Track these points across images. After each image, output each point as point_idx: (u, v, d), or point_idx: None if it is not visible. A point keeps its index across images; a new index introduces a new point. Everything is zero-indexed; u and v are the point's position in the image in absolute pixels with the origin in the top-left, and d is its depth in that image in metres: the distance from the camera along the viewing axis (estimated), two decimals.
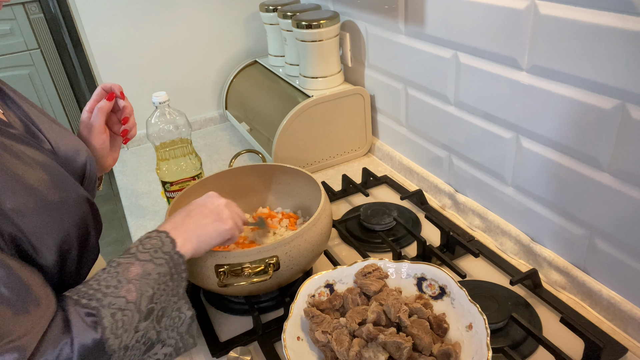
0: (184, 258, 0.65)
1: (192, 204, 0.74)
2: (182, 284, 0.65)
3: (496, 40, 0.81)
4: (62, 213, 0.62)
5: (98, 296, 0.57)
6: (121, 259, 0.62)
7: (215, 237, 0.70)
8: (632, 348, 0.71)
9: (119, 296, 0.58)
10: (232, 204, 0.76)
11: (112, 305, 0.57)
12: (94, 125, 0.80)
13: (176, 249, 0.65)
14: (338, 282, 0.76)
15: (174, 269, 0.63)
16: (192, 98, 1.53)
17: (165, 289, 0.62)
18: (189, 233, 0.68)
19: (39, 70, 2.87)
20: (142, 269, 0.61)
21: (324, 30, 1.14)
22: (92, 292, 0.58)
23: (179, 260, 0.64)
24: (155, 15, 1.37)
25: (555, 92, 0.73)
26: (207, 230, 0.70)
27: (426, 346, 0.64)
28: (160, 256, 0.63)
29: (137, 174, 1.35)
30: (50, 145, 0.68)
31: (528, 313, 0.78)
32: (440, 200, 1.09)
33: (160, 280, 0.61)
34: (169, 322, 0.63)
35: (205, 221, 0.70)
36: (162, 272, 0.62)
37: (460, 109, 0.95)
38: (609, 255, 0.74)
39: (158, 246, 0.64)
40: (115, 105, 0.83)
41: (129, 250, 0.64)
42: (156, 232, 0.66)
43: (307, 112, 1.17)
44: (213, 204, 0.73)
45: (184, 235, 0.67)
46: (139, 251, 0.63)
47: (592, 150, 0.71)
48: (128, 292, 0.58)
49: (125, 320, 0.57)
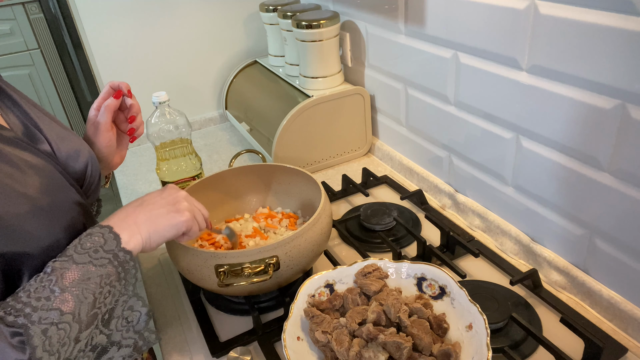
0: (131, 254, 0.59)
1: (148, 194, 0.68)
2: (131, 282, 0.60)
3: (496, 40, 0.81)
4: (52, 218, 0.60)
5: (27, 311, 0.51)
6: (56, 263, 0.55)
7: (168, 229, 0.65)
8: (632, 348, 0.71)
9: (51, 308, 0.52)
10: (192, 198, 0.72)
11: (44, 320, 0.51)
12: (101, 123, 0.79)
13: (121, 246, 0.59)
14: (338, 282, 0.76)
15: (119, 267, 0.58)
16: (192, 98, 1.53)
17: (111, 290, 0.57)
18: (139, 225, 0.62)
19: (39, 70, 2.87)
20: (79, 274, 0.55)
21: (324, 30, 1.14)
22: (19, 306, 0.51)
23: (125, 257, 0.59)
24: (155, 15, 1.37)
25: (555, 92, 0.73)
26: (160, 222, 0.64)
27: (426, 346, 0.64)
28: (101, 256, 0.57)
29: (137, 174, 1.35)
30: (50, 147, 0.68)
31: (528, 313, 0.78)
32: (440, 200, 1.09)
33: (103, 283, 0.56)
34: (121, 323, 0.59)
35: (159, 212, 0.65)
36: (105, 274, 0.56)
37: (460, 109, 0.95)
38: (609, 255, 0.74)
39: (99, 244, 0.58)
40: (123, 104, 0.82)
41: (66, 251, 0.57)
42: (98, 227, 0.60)
43: (307, 112, 1.17)
44: (170, 195, 0.68)
45: (132, 228, 0.61)
46: (77, 252, 0.56)
47: (592, 150, 0.71)
48: (63, 303, 0.52)
49: (61, 334, 0.52)
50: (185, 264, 0.77)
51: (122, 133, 0.85)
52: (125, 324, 0.60)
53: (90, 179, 0.72)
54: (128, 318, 0.60)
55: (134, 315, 0.60)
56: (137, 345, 0.61)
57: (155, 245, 0.64)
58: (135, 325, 0.61)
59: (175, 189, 0.71)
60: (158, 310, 0.88)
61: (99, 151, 0.81)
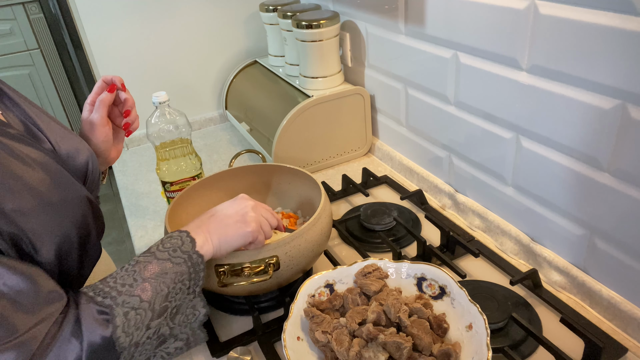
0: (203, 258, 0.66)
1: (220, 205, 0.74)
2: (199, 283, 0.65)
3: (496, 40, 0.81)
4: (62, 213, 0.61)
5: (113, 294, 0.58)
6: (140, 257, 0.63)
7: (237, 239, 0.70)
8: (632, 348, 0.71)
9: (133, 295, 0.59)
10: (262, 206, 0.76)
11: (126, 303, 0.58)
12: (97, 118, 0.79)
13: (195, 249, 0.65)
14: (338, 282, 0.76)
15: (192, 268, 0.64)
16: (192, 98, 1.53)
17: (182, 287, 0.63)
18: (211, 233, 0.68)
19: (39, 70, 2.87)
20: (159, 268, 0.62)
21: (324, 30, 1.14)
22: (107, 289, 0.59)
23: (197, 259, 0.65)
24: (155, 16, 1.37)
25: (555, 92, 0.73)
26: (229, 231, 0.70)
27: (426, 346, 0.64)
28: (178, 255, 0.64)
29: (137, 174, 1.35)
30: (51, 145, 0.68)
31: (528, 313, 0.78)
32: (440, 200, 1.09)
33: (177, 279, 0.62)
34: (183, 319, 0.64)
35: (229, 222, 0.70)
36: (180, 272, 0.63)
37: (460, 109, 0.95)
38: (609, 255, 0.74)
39: (177, 245, 0.65)
40: (117, 98, 0.82)
41: (149, 249, 0.65)
42: (178, 231, 0.67)
43: (307, 112, 1.17)
44: (240, 205, 0.73)
45: (205, 235, 0.68)
46: (158, 250, 0.64)
47: (592, 150, 0.71)
48: (143, 291, 0.59)
49: (137, 318, 0.58)
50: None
51: (118, 127, 0.85)
52: (185, 320, 0.65)
53: (92, 176, 0.73)
54: (189, 315, 0.65)
55: (195, 313, 0.66)
56: (189, 340, 0.66)
57: (224, 252, 0.70)
58: (192, 322, 0.66)
59: (245, 198, 0.75)
60: None
61: (96, 146, 0.81)
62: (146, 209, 1.18)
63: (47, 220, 0.59)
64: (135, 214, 1.17)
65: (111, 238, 2.70)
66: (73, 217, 0.63)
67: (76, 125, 3.12)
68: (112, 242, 2.68)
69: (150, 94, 1.04)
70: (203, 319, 0.67)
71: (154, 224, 1.12)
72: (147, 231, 1.10)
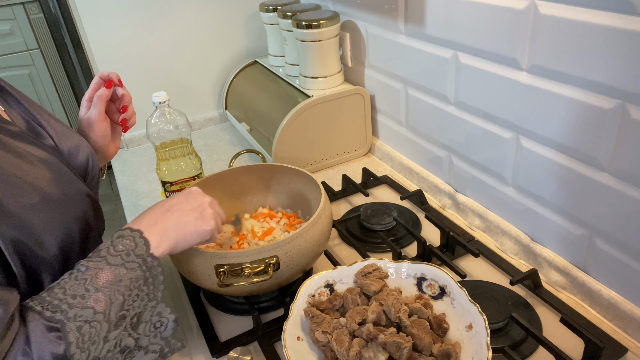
0: (158, 260, 0.61)
1: (174, 198, 0.70)
2: (159, 287, 0.61)
3: (496, 40, 0.81)
4: (64, 209, 0.61)
5: (63, 307, 0.53)
6: (90, 263, 0.58)
7: (195, 237, 0.67)
8: (632, 348, 0.71)
9: (86, 307, 0.54)
10: (215, 202, 0.73)
11: (79, 317, 0.54)
12: (95, 114, 0.79)
13: (150, 251, 0.61)
14: (338, 282, 0.76)
15: (147, 272, 0.60)
16: (192, 98, 1.53)
17: (139, 294, 0.59)
18: (168, 231, 0.64)
19: (39, 70, 2.87)
20: (112, 275, 0.57)
21: (324, 30, 1.14)
22: (56, 302, 0.54)
23: (152, 263, 0.61)
24: (155, 15, 1.37)
25: (555, 92, 0.73)
26: (187, 229, 0.66)
27: (426, 346, 0.64)
28: (132, 259, 0.59)
29: (137, 174, 1.35)
30: (53, 142, 0.68)
31: (528, 313, 0.78)
32: (440, 200, 1.09)
33: (132, 286, 0.58)
34: (149, 328, 0.61)
35: (187, 219, 0.67)
36: (135, 277, 0.59)
37: (460, 109, 0.95)
38: (609, 255, 0.74)
39: (131, 248, 0.60)
40: (114, 94, 0.82)
41: (99, 251, 0.59)
42: (129, 230, 0.62)
43: (307, 112, 1.17)
44: (197, 201, 0.70)
45: (160, 234, 0.63)
46: (110, 254, 0.59)
47: (592, 150, 0.71)
48: (96, 302, 0.55)
49: (92, 332, 0.54)
50: (185, 264, 0.77)
51: (115, 123, 0.85)
52: (153, 330, 0.61)
53: (92, 173, 0.73)
54: (156, 324, 0.61)
55: (162, 321, 0.62)
56: (163, 351, 0.62)
57: (180, 250, 0.67)
58: (162, 331, 0.62)
59: (200, 194, 0.72)
60: None
61: (95, 142, 0.81)
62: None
63: (50, 216, 0.59)
64: (135, 214, 1.17)
65: None
66: (75, 213, 0.63)
67: (76, 125, 3.11)
68: None
69: (150, 94, 1.03)
70: (174, 326, 0.62)
71: None
72: None
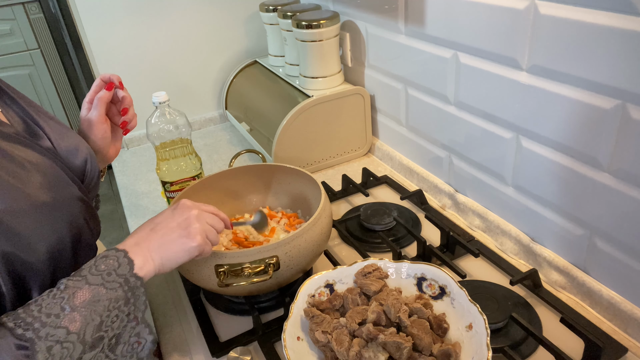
0: (142, 281, 0.60)
1: (160, 215, 0.68)
2: (140, 308, 0.60)
3: (496, 40, 0.81)
4: (55, 214, 0.60)
5: (36, 325, 0.52)
6: (70, 281, 0.56)
7: (182, 255, 0.64)
8: (632, 348, 0.71)
9: (59, 326, 0.53)
10: (205, 212, 0.69)
11: (50, 337, 0.52)
12: (95, 116, 0.79)
13: (133, 271, 0.59)
14: (338, 282, 0.76)
15: (129, 292, 0.58)
16: (192, 98, 1.53)
17: (119, 314, 0.58)
18: (152, 251, 0.62)
19: (39, 70, 2.87)
20: (90, 295, 0.55)
21: (324, 30, 1.14)
22: (30, 320, 0.52)
23: (135, 283, 0.59)
24: (155, 15, 1.37)
25: (555, 92, 0.73)
26: (171, 248, 0.64)
27: (426, 346, 0.64)
28: (113, 279, 0.58)
29: (137, 174, 1.35)
30: (50, 143, 0.68)
31: (528, 313, 0.78)
32: (440, 200, 1.09)
33: (111, 307, 0.57)
34: (127, 349, 0.59)
35: (171, 237, 0.64)
36: (115, 297, 0.57)
37: (460, 109, 0.95)
38: (609, 255, 0.74)
39: (113, 268, 0.58)
40: (115, 97, 0.82)
41: (81, 270, 0.58)
42: (114, 250, 0.61)
43: (307, 112, 1.17)
44: (182, 216, 0.66)
45: (145, 254, 0.62)
46: (91, 273, 0.57)
47: (592, 150, 0.71)
48: (71, 322, 0.53)
49: (64, 353, 0.52)
50: (185, 264, 0.77)
51: (116, 126, 0.85)
52: (130, 350, 0.60)
53: (90, 175, 0.73)
54: (134, 345, 0.60)
55: (140, 341, 0.61)
56: None
57: (169, 269, 0.64)
58: (139, 352, 0.61)
59: (186, 207, 0.68)
60: (158, 310, 0.88)
61: (94, 144, 0.80)
62: (146, 209, 1.18)
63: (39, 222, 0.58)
64: (135, 214, 1.17)
65: (111, 238, 2.70)
66: (66, 218, 0.62)
67: (76, 126, 3.12)
68: (113, 242, 2.68)
69: (150, 94, 1.04)
70: (151, 347, 0.61)
71: None
72: None
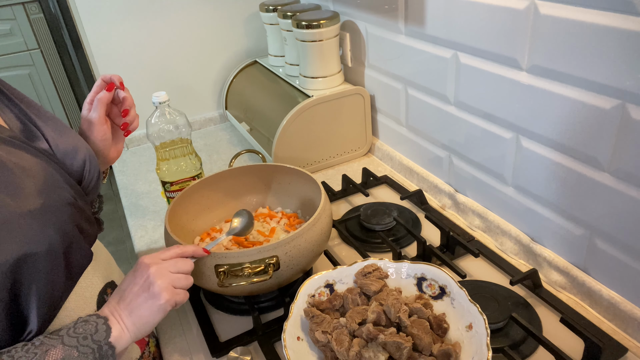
0: (114, 350, 0.59)
1: (124, 282, 0.67)
2: None
3: (496, 40, 0.81)
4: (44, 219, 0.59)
5: None
6: (46, 339, 0.57)
7: (154, 316, 0.64)
8: (632, 348, 0.71)
9: None
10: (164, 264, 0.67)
11: None
12: (95, 117, 0.79)
13: (109, 339, 0.59)
14: (338, 282, 0.76)
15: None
16: (192, 98, 1.53)
17: None
18: (124, 321, 0.62)
19: (39, 70, 2.87)
20: (62, 355, 0.56)
21: (324, 30, 1.14)
22: None
23: (107, 351, 0.59)
24: (155, 15, 1.37)
25: (555, 92, 0.73)
26: (141, 313, 0.63)
27: (426, 346, 0.64)
28: (88, 344, 0.58)
29: (137, 174, 1.35)
30: (47, 144, 0.67)
31: (528, 313, 0.78)
32: (440, 200, 1.09)
33: None
34: None
35: (137, 302, 0.63)
36: None
37: (460, 109, 0.95)
38: (609, 255, 0.74)
39: (90, 333, 0.59)
40: (116, 97, 0.81)
41: (59, 330, 0.59)
42: (96, 316, 0.61)
43: (307, 112, 1.17)
44: (142, 277, 0.65)
45: (120, 324, 0.62)
46: (68, 334, 0.58)
47: (592, 150, 0.71)
48: None
49: None
50: None
51: (117, 127, 0.85)
52: None
53: (90, 175, 0.71)
54: None
55: None
56: None
57: (148, 332, 0.64)
58: None
59: (144, 267, 0.66)
60: None
61: (95, 145, 0.80)
62: (146, 209, 1.18)
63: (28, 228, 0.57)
64: (135, 214, 1.17)
65: (111, 238, 2.70)
66: (56, 224, 0.60)
67: (76, 126, 3.12)
68: (112, 242, 2.68)
69: (150, 94, 1.04)
70: None
71: (154, 224, 1.12)
72: (147, 231, 1.10)
